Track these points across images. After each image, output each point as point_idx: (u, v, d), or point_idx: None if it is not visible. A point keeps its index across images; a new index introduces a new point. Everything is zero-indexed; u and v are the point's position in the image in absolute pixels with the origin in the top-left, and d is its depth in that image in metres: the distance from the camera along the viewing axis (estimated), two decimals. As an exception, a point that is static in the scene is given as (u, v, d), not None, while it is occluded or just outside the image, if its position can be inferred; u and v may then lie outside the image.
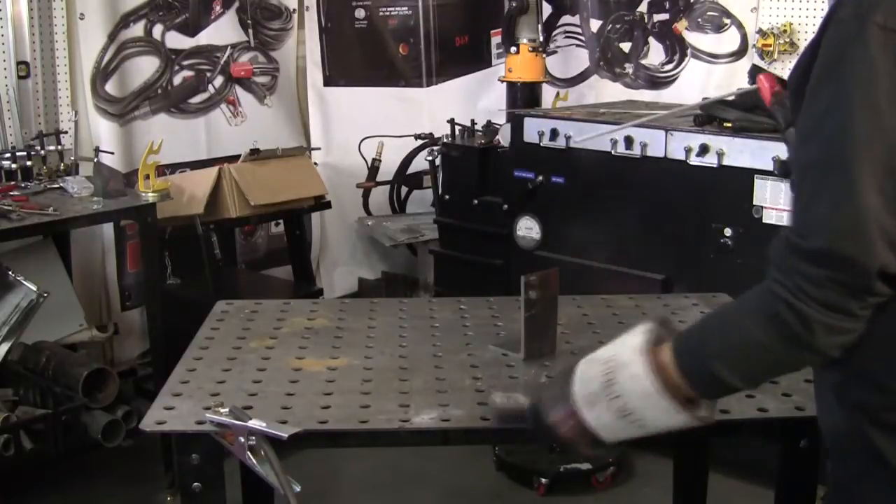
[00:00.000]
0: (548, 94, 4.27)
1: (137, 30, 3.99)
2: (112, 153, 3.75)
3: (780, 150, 2.79)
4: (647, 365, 1.27)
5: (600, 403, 1.31)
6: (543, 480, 3.24)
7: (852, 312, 1.14)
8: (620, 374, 1.29)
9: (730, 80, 3.95)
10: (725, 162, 3.08)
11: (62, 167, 3.49)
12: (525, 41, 4.07)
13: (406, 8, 4.74)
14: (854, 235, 1.11)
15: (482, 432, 1.60)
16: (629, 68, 4.33)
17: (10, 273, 3.08)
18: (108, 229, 3.80)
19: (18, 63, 3.53)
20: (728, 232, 3.11)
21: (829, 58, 1.16)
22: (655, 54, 4.27)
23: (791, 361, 1.23)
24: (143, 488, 3.27)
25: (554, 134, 3.51)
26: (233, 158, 3.96)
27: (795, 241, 1.15)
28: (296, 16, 4.62)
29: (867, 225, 1.11)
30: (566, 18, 4.51)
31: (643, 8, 4.28)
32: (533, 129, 3.57)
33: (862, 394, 1.21)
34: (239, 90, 4.41)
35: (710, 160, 3.11)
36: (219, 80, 4.33)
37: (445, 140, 4.17)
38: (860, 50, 1.12)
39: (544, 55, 4.16)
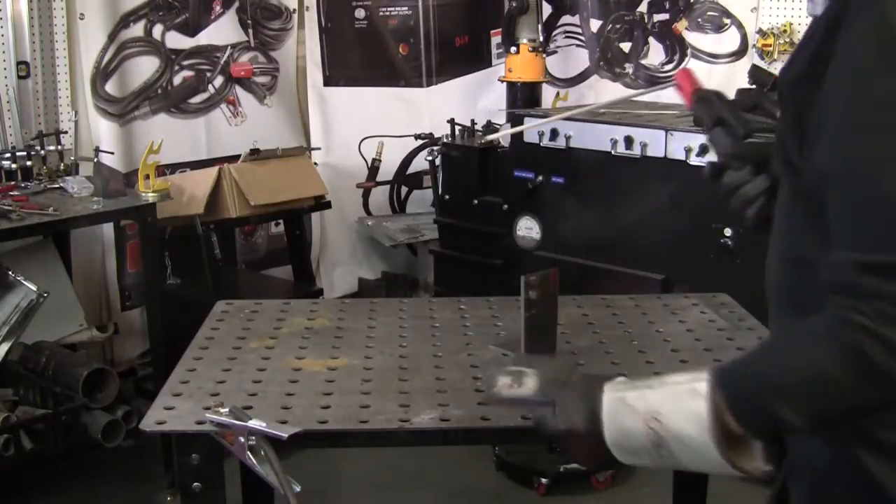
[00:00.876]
0: (548, 94, 4.27)
1: (137, 30, 3.99)
2: (112, 153, 3.75)
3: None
4: (718, 446, 1.14)
5: (643, 457, 1.21)
6: (543, 480, 3.24)
7: None
8: (676, 445, 1.17)
9: (730, 80, 3.94)
10: (725, 162, 3.08)
11: (62, 167, 3.49)
12: (525, 41, 4.08)
13: (406, 8, 4.74)
14: None
15: (482, 432, 1.60)
16: (629, 68, 4.33)
17: (10, 273, 3.08)
18: (108, 229, 3.80)
19: (18, 63, 3.53)
20: (728, 232, 3.11)
21: (868, 50, 1.01)
22: (655, 54, 4.27)
23: (867, 400, 1.04)
24: (143, 488, 3.27)
25: (554, 134, 3.51)
26: (233, 158, 3.96)
27: (869, 260, 1.00)
28: (296, 16, 4.62)
29: None
30: (566, 18, 4.51)
31: (643, 8, 4.28)
32: (533, 129, 3.57)
33: None
34: (239, 90, 4.41)
35: (710, 160, 3.11)
36: (219, 80, 4.33)
37: (445, 140, 4.17)
38: None
39: (544, 55, 4.16)
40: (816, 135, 1.06)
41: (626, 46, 4.34)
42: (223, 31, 4.33)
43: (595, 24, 4.41)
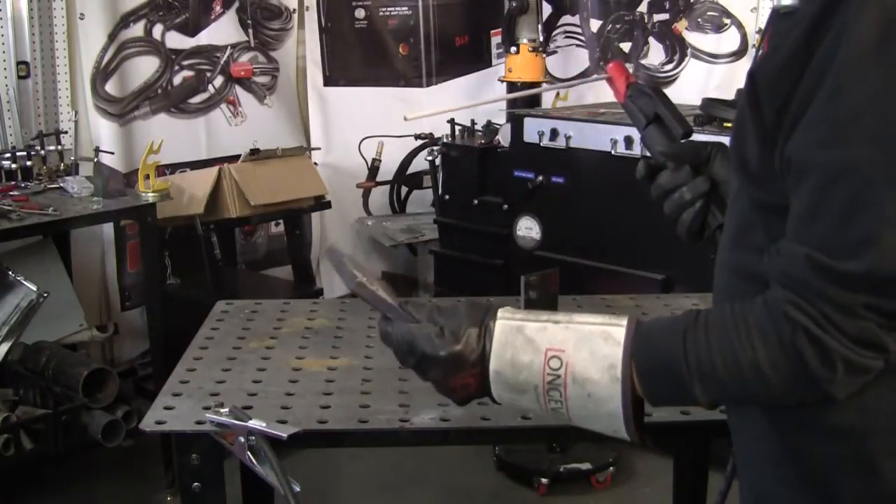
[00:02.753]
0: (548, 94, 4.27)
1: (137, 30, 3.99)
2: (112, 153, 3.75)
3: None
4: (622, 399, 1.05)
5: (527, 395, 1.10)
6: (543, 480, 3.24)
7: (885, 349, 0.96)
8: (572, 389, 1.07)
9: (730, 80, 3.95)
10: (725, 162, 3.08)
11: (62, 167, 3.49)
12: (525, 41, 4.08)
13: (406, 8, 4.74)
14: None
15: (482, 432, 1.60)
16: (629, 68, 4.33)
17: (10, 273, 3.08)
18: (108, 229, 3.80)
19: (18, 63, 3.53)
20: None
21: (865, 40, 0.93)
22: (655, 54, 4.27)
23: (786, 398, 1.02)
24: (143, 488, 3.27)
25: (554, 134, 3.51)
26: (233, 158, 3.96)
27: (825, 262, 0.94)
28: (296, 16, 4.62)
29: None
30: (566, 18, 4.51)
31: (643, 8, 4.28)
32: (533, 129, 3.57)
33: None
34: (239, 90, 4.41)
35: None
36: (219, 80, 4.33)
37: (445, 140, 4.17)
38: None
39: (544, 55, 4.16)
40: (790, 130, 0.99)
41: (626, 46, 4.34)
42: (223, 31, 4.33)
43: (595, 24, 4.42)
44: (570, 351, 1.07)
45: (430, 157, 4.26)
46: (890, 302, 0.93)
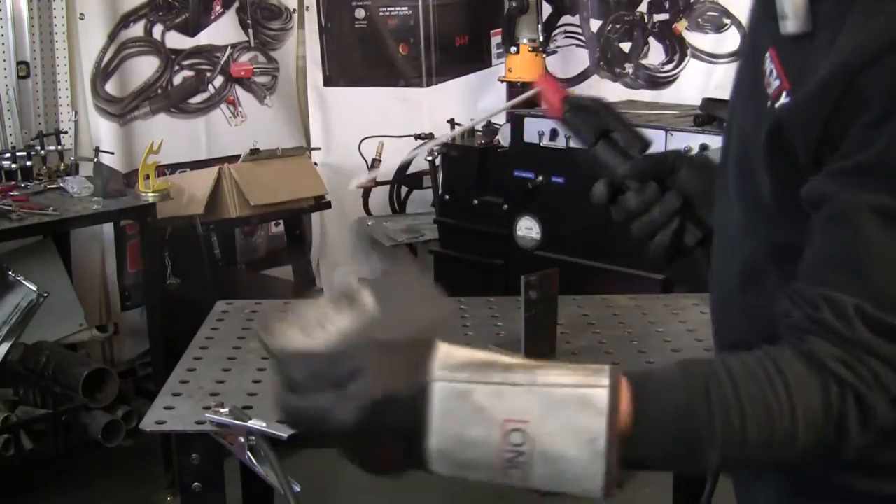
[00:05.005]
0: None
1: (137, 30, 3.99)
2: (112, 153, 3.75)
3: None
4: (606, 477, 0.84)
5: (481, 473, 0.91)
6: (543, 480, 3.23)
7: None
8: (541, 467, 0.85)
9: (730, 80, 3.94)
10: (725, 162, 3.08)
11: (62, 167, 3.49)
12: (525, 41, 4.07)
13: (406, 8, 4.74)
14: None
15: (482, 432, 1.60)
16: (629, 68, 4.33)
17: (10, 273, 3.08)
18: (108, 229, 3.80)
19: (18, 63, 3.53)
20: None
21: None
22: (655, 54, 4.27)
23: (803, 459, 0.88)
24: (143, 488, 3.27)
25: (554, 134, 3.51)
26: (233, 158, 3.96)
27: (877, 315, 0.83)
28: (296, 16, 4.62)
29: None
30: (566, 18, 4.51)
31: (643, 8, 4.27)
32: (533, 129, 3.57)
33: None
34: (239, 90, 4.41)
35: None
36: (219, 80, 4.33)
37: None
38: None
39: (544, 55, 4.16)
40: (814, 168, 0.90)
41: (626, 46, 4.34)
42: (223, 31, 4.32)
43: (595, 24, 4.41)
44: (536, 422, 0.83)
45: (430, 157, 4.25)
46: None
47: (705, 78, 4.11)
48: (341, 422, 0.81)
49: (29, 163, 3.41)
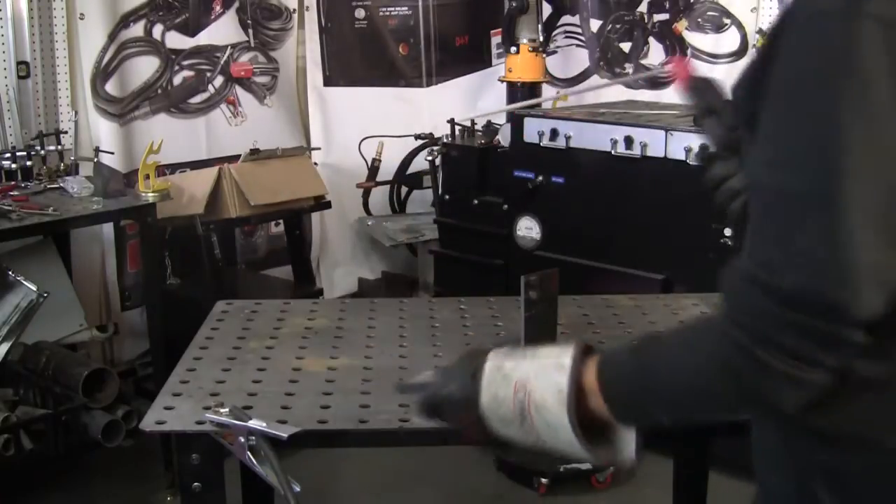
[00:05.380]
0: (548, 94, 4.27)
1: (137, 30, 3.99)
2: (112, 153, 3.75)
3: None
4: (569, 419, 1.13)
5: (513, 428, 1.20)
6: (543, 480, 3.24)
7: (828, 366, 0.96)
8: (536, 417, 1.16)
9: (730, 80, 3.94)
10: (725, 162, 3.08)
11: (62, 167, 3.49)
12: (525, 41, 4.07)
13: (406, 8, 4.74)
14: (842, 276, 0.93)
15: (482, 432, 1.60)
16: (629, 68, 4.33)
17: (10, 273, 3.08)
18: (108, 229, 3.80)
19: (18, 63, 3.53)
20: (728, 232, 3.11)
21: (808, 63, 0.96)
22: (655, 54, 4.27)
23: (739, 414, 1.12)
24: (143, 488, 3.27)
25: (554, 134, 3.51)
26: (233, 158, 3.96)
27: (764, 278, 0.97)
28: (296, 16, 4.62)
29: (858, 265, 0.92)
30: (566, 18, 4.51)
31: (643, 8, 4.28)
32: (533, 129, 3.57)
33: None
34: (239, 90, 4.41)
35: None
36: (219, 80, 4.33)
37: (445, 140, 4.17)
38: (851, 52, 0.92)
39: (544, 55, 4.16)
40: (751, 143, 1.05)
41: (626, 46, 4.34)
42: (223, 31, 4.33)
43: (595, 24, 4.41)
44: (532, 381, 1.17)
45: (430, 157, 4.25)
46: (825, 322, 0.94)
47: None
48: (437, 395, 1.28)
49: (29, 163, 3.41)
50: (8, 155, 3.39)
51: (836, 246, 0.93)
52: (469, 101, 4.65)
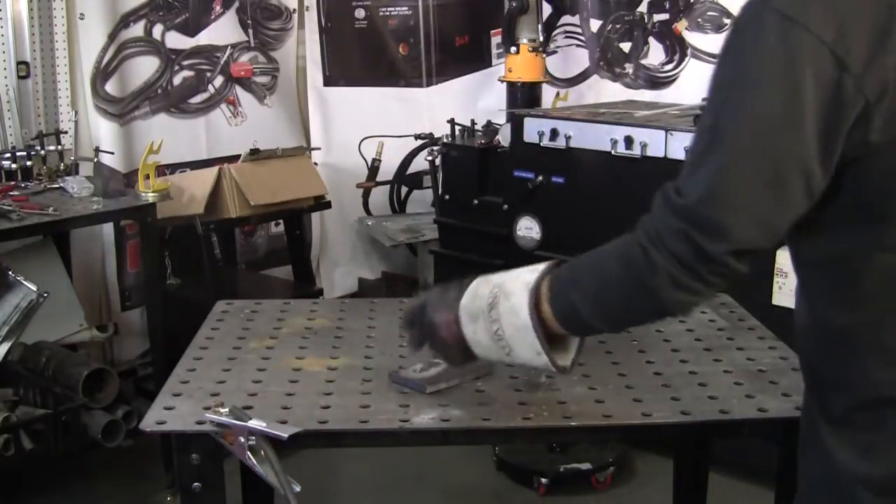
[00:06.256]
0: (548, 94, 4.27)
1: (137, 30, 3.99)
2: (112, 153, 3.75)
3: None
4: (529, 302, 1.34)
5: (480, 321, 1.40)
6: (543, 480, 3.24)
7: (701, 276, 1.17)
8: (503, 303, 1.37)
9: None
10: (725, 162, 3.08)
11: (62, 167, 3.49)
12: (525, 41, 4.07)
13: (406, 8, 4.74)
14: (722, 205, 1.14)
15: (482, 432, 1.60)
16: (629, 68, 4.33)
17: (10, 273, 3.08)
18: (108, 229, 3.80)
19: (18, 63, 3.53)
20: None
21: (730, 36, 1.19)
22: (655, 54, 4.27)
23: (641, 306, 1.26)
24: (143, 488, 3.27)
25: (554, 134, 3.51)
26: (233, 158, 3.96)
27: (670, 194, 1.20)
28: (296, 16, 4.62)
29: (737, 200, 1.14)
30: (566, 18, 4.51)
31: (643, 8, 4.27)
32: (533, 129, 3.57)
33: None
34: (239, 90, 4.41)
35: None
36: (219, 80, 4.33)
37: (445, 140, 4.17)
38: (755, 34, 1.14)
39: (544, 55, 4.15)
40: None
41: (626, 46, 4.34)
42: (223, 31, 4.33)
43: (595, 24, 4.41)
44: (508, 280, 1.41)
45: (430, 157, 4.25)
46: (702, 236, 1.14)
47: (705, 78, 4.08)
48: (428, 295, 1.52)
49: (29, 163, 3.41)
50: (8, 155, 3.39)
51: (726, 181, 1.14)
52: (469, 101, 4.64)
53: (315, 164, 4.42)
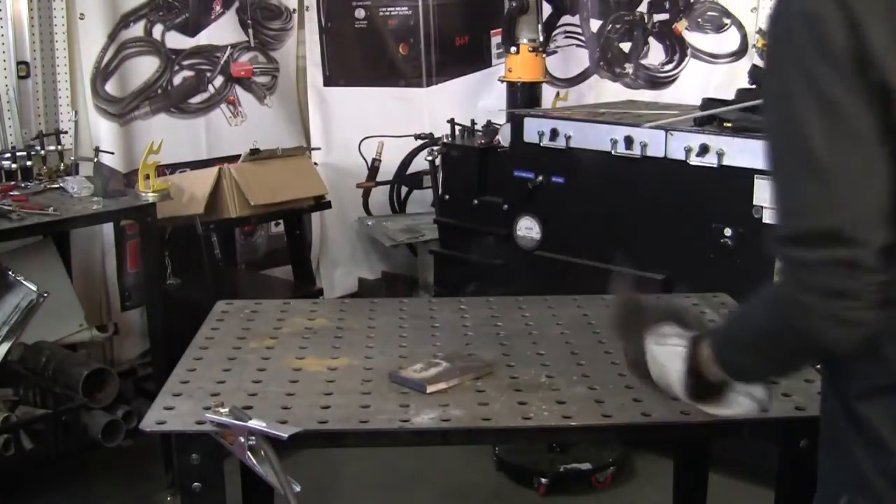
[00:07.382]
0: (548, 94, 4.27)
1: (137, 30, 3.99)
2: (112, 153, 3.75)
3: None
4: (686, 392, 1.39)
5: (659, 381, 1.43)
6: (543, 480, 3.23)
7: (858, 296, 1.09)
8: (673, 384, 1.40)
9: (730, 80, 3.94)
10: (725, 162, 3.08)
11: (62, 167, 3.49)
12: (525, 41, 4.07)
13: (406, 8, 4.74)
14: (840, 208, 1.09)
15: (482, 432, 1.60)
16: (629, 68, 4.33)
17: (10, 273, 3.07)
18: (108, 229, 3.80)
19: (18, 63, 3.53)
20: (728, 232, 3.11)
21: (770, 47, 1.18)
22: (655, 54, 4.27)
23: (808, 355, 1.27)
24: (143, 488, 3.27)
25: (554, 134, 3.51)
26: (233, 158, 3.96)
27: (782, 231, 1.14)
28: (296, 16, 4.62)
29: (832, 198, 1.09)
30: (566, 18, 4.51)
31: (643, 8, 4.27)
32: (533, 129, 3.57)
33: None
34: (239, 90, 4.41)
35: (710, 160, 3.11)
36: (219, 80, 4.33)
37: (445, 140, 4.17)
38: (792, 37, 1.12)
39: (544, 55, 4.15)
40: None
41: (626, 46, 4.34)
42: (223, 31, 4.33)
43: (595, 24, 4.41)
44: (668, 364, 1.41)
45: (430, 157, 4.25)
46: (842, 250, 1.08)
47: (705, 78, 4.10)
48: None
49: (29, 163, 3.41)
50: (8, 155, 3.39)
51: (822, 189, 1.09)
52: (469, 101, 4.65)
53: (315, 164, 4.42)
